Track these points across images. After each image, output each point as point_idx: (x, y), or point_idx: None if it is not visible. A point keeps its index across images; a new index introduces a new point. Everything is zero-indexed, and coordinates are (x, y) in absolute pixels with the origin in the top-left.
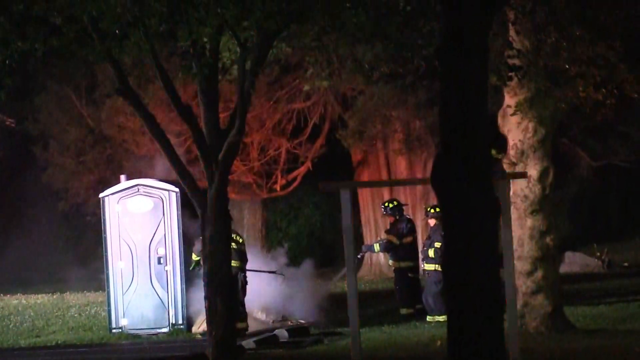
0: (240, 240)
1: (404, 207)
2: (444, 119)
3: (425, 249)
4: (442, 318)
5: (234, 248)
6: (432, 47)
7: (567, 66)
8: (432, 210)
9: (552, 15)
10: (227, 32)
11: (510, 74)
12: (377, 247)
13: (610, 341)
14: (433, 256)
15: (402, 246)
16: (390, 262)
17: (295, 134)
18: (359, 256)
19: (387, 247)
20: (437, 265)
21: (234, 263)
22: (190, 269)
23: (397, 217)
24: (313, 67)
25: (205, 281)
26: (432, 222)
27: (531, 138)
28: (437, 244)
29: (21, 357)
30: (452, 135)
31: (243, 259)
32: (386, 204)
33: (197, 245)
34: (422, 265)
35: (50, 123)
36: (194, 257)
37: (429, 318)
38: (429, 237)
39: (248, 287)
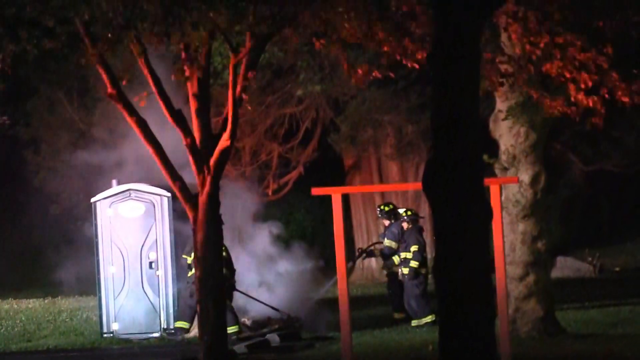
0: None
1: (399, 212)
2: (436, 123)
3: (400, 252)
4: (429, 319)
5: None
6: (424, 52)
7: (558, 71)
8: (406, 214)
9: (543, 20)
10: (219, 37)
11: (501, 79)
12: (377, 251)
13: (601, 346)
14: (411, 257)
15: (396, 251)
16: (383, 266)
17: (287, 138)
18: (356, 260)
19: (391, 252)
20: (412, 264)
21: None
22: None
23: (392, 221)
24: (305, 72)
25: (197, 286)
26: (405, 225)
27: (523, 143)
28: (414, 247)
29: None
30: (444, 140)
31: (228, 267)
32: (382, 207)
33: (184, 263)
34: (400, 270)
35: (42, 127)
36: (189, 259)
37: (414, 323)
38: (404, 241)
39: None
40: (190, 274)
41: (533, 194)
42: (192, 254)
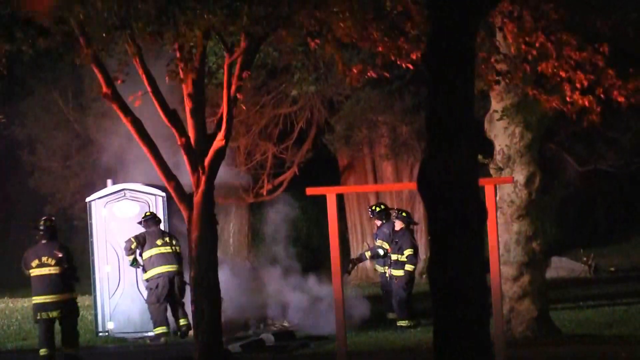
0: (175, 243)
1: (391, 212)
2: (431, 123)
3: (390, 254)
4: (404, 323)
5: (176, 252)
6: (419, 52)
7: (554, 71)
8: (404, 214)
9: (539, 19)
10: (214, 37)
11: (497, 78)
12: (368, 254)
13: (596, 346)
14: (405, 261)
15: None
16: (377, 267)
17: (282, 138)
18: (349, 269)
19: (383, 253)
20: (407, 267)
21: (175, 268)
22: (131, 264)
23: (384, 221)
24: (300, 72)
25: (191, 286)
26: (397, 225)
27: (518, 143)
28: (408, 251)
29: None
30: (439, 140)
31: (182, 263)
32: (373, 207)
33: (127, 244)
34: (389, 271)
35: (37, 127)
36: (130, 258)
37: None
38: (395, 242)
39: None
40: (146, 276)
41: (528, 194)
42: (149, 251)
